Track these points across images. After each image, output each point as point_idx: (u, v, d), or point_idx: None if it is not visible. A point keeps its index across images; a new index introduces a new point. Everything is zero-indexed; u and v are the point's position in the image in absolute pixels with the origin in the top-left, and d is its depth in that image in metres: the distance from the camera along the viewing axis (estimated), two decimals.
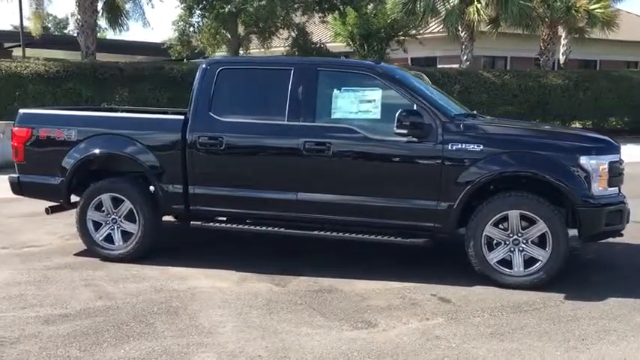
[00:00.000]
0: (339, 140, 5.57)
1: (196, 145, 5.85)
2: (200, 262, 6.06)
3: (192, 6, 20.83)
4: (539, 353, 4.11)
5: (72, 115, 6.57)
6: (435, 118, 5.40)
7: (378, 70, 5.72)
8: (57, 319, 4.71)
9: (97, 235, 6.18)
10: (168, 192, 5.97)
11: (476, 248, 5.35)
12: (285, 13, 20.13)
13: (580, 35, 21.02)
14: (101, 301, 5.09)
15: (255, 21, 20.76)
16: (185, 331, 4.51)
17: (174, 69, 15.36)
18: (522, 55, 23.29)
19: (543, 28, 20.09)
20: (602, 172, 5.22)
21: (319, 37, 22.71)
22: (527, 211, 5.22)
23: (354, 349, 4.20)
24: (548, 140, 5.49)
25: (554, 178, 5.15)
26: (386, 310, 4.90)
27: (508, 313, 4.83)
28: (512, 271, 5.32)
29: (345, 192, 5.61)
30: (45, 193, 6.42)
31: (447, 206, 5.36)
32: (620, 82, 19.39)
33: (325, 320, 4.71)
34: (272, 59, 8.76)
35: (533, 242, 5.28)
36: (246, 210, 5.93)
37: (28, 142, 6.30)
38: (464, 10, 18.54)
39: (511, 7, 17.91)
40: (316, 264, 6.04)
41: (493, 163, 5.26)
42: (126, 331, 4.48)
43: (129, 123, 6.26)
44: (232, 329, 4.54)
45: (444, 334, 4.44)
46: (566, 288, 5.30)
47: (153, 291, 5.34)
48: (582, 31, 20.86)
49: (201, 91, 5.94)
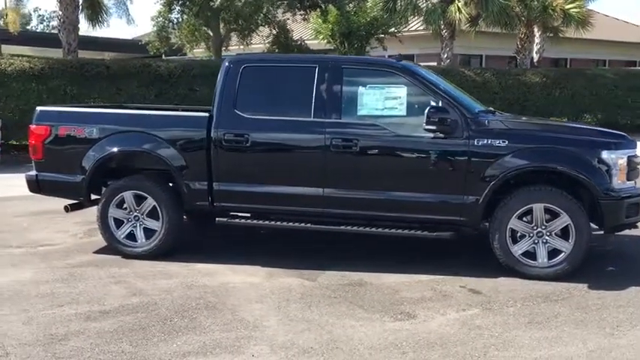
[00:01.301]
0: (367, 136, 5.69)
1: (222, 142, 5.89)
2: (224, 259, 6.10)
3: (171, 2, 20.72)
4: (581, 340, 4.29)
5: (93, 113, 6.55)
6: (460, 115, 5.55)
7: (402, 67, 5.85)
8: (98, 316, 4.72)
9: (119, 233, 6.18)
10: (193, 189, 6.00)
11: (501, 241, 5.52)
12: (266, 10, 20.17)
13: (554, 34, 21.49)
14: (136, 298, 5.11)
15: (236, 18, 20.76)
16: (230, 325, 4.56)
17: (162, 66, 15.20)
18: (497, 53, 23.74)
19: (520, 27, 20.50)
20: (621, 166, 5.44)
21: (300, 35, 22.76)
22: (552, 204, 5.41)
23: (401, 339, 4.32)
24: (570, 135, 5.70)
25: (578, 172, 5.36)
26: (421, 302, 5.03)
27: (539, 302, 5.01)
28: (536, 262, 5.51)
29: (372, 187, 5.72)
30: (65, 191, 6.38)
31: (474, 200, 5.52)
32: (595, 81, 19.90)
33: (365, 312, 4.82)
34: (295, 57, 8.88)
35: (557, 234, 5.48)
36: (271, 206, 6.00)
37: (46, 139, 6.25)
38: (445, 9, 18.81)
39: (491, 6, 18.25)
40: (341, 258, 6.13)
41: (519, 158, 5.43)
42: (172, 326, 4.52)
43: (152, 120, 6.25)
44: (277, 322, 4.61)
45: (484, 323, 4.59)
46: (587, 278, 5.50)
47: (185, 287, 5.37)
48: (557, 30, 21.33)
49: (225, 89, 5.98)
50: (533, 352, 4.10)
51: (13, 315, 4.74)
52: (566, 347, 4.17)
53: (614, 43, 27.85)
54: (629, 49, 29.30)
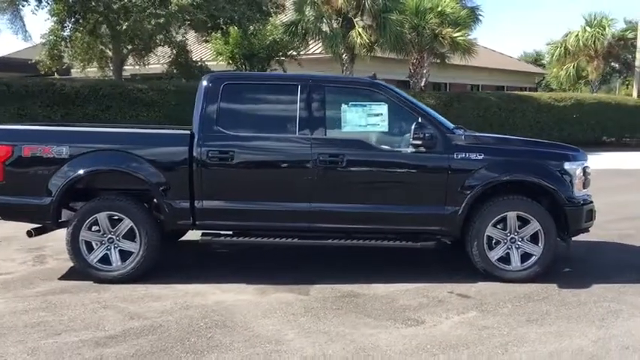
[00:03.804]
0: (352, 152, 5.87)
1: (205, 160, 5.82)
2: (203, 278, 6.00)
3: (64, 19, 19.74)
4: (581, 332, 4.72)
5: (61, 131, 6.19)
6: (439, 131, 5.91)
7: (381, 86, 6.12)
8: (107, 342, 4.50)
9: (92, 257, 5.88)
10: (175, 208, 5.86)
11: (479, 248, 5.91)
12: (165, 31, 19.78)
13: (441, 60, 22.99)
14: (136, 322, 4.91)
15: (132, 38, 20.18)
16: (252, 341, 4.53)
17: (67, 85, 14.52)
18: (392, 77, 24.88)
19: (414, 53, 21.71)
20: (578, 175, 6.04)
21: (200, 56, 22.54)
22: (524, 212, 5.89)
23: (424, 343, 4.52)
24: (537, 148, 6.24)
25: (548, 183, 5.88)
26: (421, 309, 5.26)
27: (525, 302, 5.42)
28: (510, 266, 5.95)
29: (358, 201, 5.91)
30: (29, 215, 5.98)
31: (454, 210, 5.87)
32: (481, 103, 21.58)
33: (375, 321, 4.97)
34: (274, 75, 8.93)
35: (527, 240, 5.95)
36: (257, 222, 5.99)
37: (7, 160, 5.82)
38: (346, 34, 19.55)
39: (389, 33, 19.26)
40: (325, 272, 6.25)
41: (495, 170, 5.86)
42: (194, 346, 4.42)
43: (131, 138, 6.05)
44: (296, 336, 4.64)
45: (489, 324, 4.90)
46: (552, 279, 5.99)
47: (182, 308, 5.24)
48: (443, 57, 22.84)
49: (206, 107, 5.93)
50: (546, 346, 4.46)
51: (11, 347, 4.40)
52: (572, 340, 4.58)
53: (487, 70, 30.21)
54: (500, 75, 32.00)
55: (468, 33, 22.90)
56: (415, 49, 21.58)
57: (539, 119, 22.67)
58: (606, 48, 28.24)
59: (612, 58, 30.17)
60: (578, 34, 28.38)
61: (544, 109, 23.16)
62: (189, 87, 17.04)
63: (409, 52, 21.31)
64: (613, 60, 30.82)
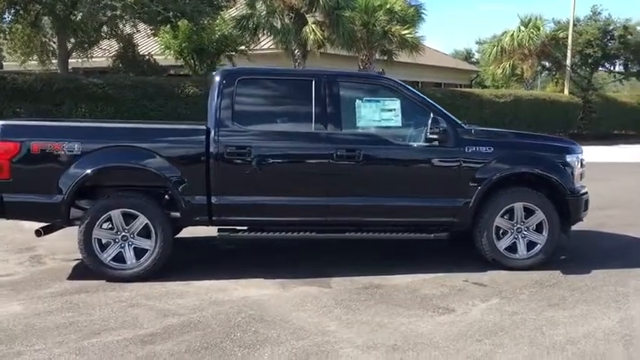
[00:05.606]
0: (368, 147, 5.98)
1: (222, 155, 5.79)
2: (218, 274, 5.97)
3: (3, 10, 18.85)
4: (603, 313, 5.03)
5: (73, 127, 5.98)
6: (450, 125, 6.10)
7: (393, 82, 6.26)
8: (152, 339, 4.43)
9: (105, 255, 5.74)
10: (192, 204, 5.79)
11: (489, 238, 6.15)
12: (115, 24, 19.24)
13: (388, 57, 23.39)
14: (173, 319, 4.85)
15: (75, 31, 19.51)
16: (298, 333, 4.57)
17: (19, 79, 13.89)
18: None
19: (364, 50, 22.00)
20: (577, 167, 6.39)
21: (147, 50, 22.02)
22: (530, 203, 6.18)
23: (465, 329, 4.68)
24: (541, 142, 6.54)
25: (553, 174, 6.18)
26: (446, 297, 5.44)
27: (540, 288, 5.70)
28: (517, 255, 6.23)
29: (374, 194, 6.02)
30: (37, 214, 5.77)
31: (465, 202, 6.08)
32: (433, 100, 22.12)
33: (407, 310, 5.11)
34: (289, 70, 9.03)
35: (533, 229, 6.25)
36: (272, 217, 6.01)
37: (15, 157, 5.59)
38: (299, 30, 19.59)
39: (342, 29, 19.46)
40: (336, 265, 6.32)
41: (505, 163, 6.12)
42: (244, 340, 4.42)
43: (146, 134, 5.91)
44: (338, 327, 4.71)
45: (515, 309, 5.13)
46: (554, 266, 6.32)
47: (211, 304, 5.20)
48: (391, 54, 23.25)
49: (221, 102, 5.89)
50: (578, 328, 4.72)
51: (54, 348, 4.26)
52: (598, 321, 4.87)
53: (429, 67, 30.92)
54: (440, 73, 32.83)
55: (416, 31, 23.45)
56: (365, 46, 21.86)
57: (481, 115, 23.42)
58: (539, 47, 29.51)
59: (544, 57, 31.52)
60: (514, 34, 29.51)
61: (486, 106, 24.06)
62: (146, 82, 16.69)
63: (359, 49, 21.56)
64: (544, 59, 32.21)
